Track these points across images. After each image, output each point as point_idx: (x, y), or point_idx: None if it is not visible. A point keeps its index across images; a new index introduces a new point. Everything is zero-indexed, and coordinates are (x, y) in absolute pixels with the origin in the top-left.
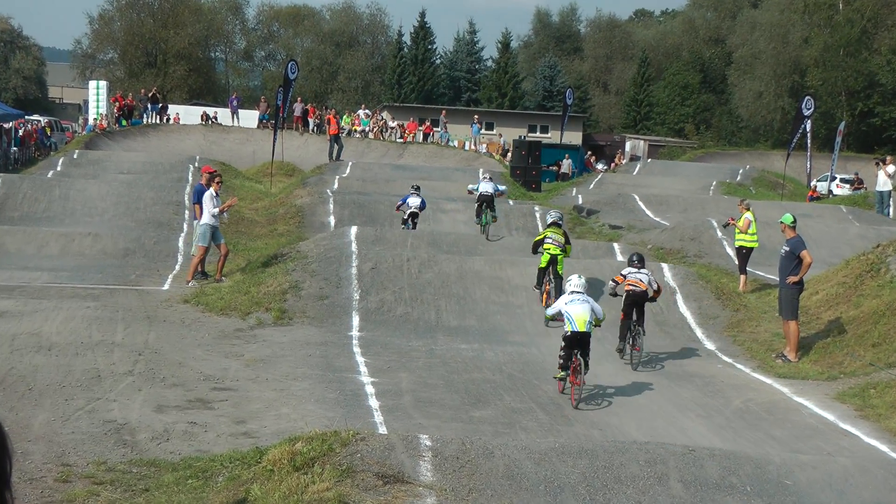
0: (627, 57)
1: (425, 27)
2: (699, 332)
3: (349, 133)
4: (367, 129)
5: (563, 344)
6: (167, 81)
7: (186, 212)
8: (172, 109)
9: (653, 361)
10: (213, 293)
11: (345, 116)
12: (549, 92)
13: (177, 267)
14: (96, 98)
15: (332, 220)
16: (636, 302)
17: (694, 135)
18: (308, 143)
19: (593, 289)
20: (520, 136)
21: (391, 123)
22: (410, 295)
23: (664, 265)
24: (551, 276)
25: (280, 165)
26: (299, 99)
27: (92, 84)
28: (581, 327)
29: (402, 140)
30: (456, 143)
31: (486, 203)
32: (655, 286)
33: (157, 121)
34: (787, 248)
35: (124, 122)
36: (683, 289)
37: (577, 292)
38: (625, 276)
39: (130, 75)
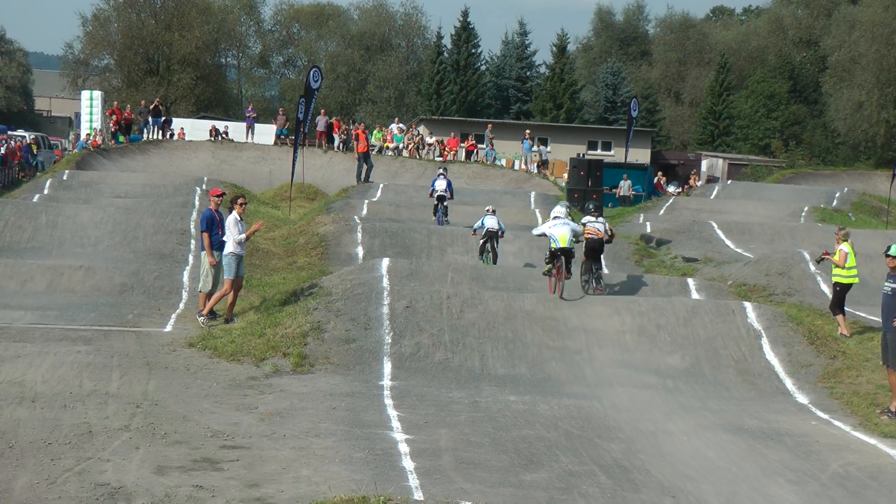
0: (703, 62)
1: (468, 28)
2: (789, 383)
3: (380, 151)
4: (400, 145)
5: (547, 256)
6: (171, 91)
7: (192, 242)
8: (177, 124)
9: (734, 417)
10: (223, 336)
11: (375, 131)
12: (611, 103)
13: (181, 305)
14: (90, 110)
15: (360, 251)
16: (594, 248)
17: (782, 152)
18: (333, 163)
19: (653, 339)
20: (578, 154)
21: (429, 139)
22: (451, 338)
23: (747, 305)
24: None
25: (300, 188)
26: (323, 111)
27: (85, 94)
28: (563, 244)
29: (441, 159)
30: (504, 162)
31: (491, 239)
32: (610, 233)
33: (160, 136)
34: (893, 286)
35: (121, 139)
36: (770, 332)
37: (559, 217)
38: (584, 225)
39: (129, 84)
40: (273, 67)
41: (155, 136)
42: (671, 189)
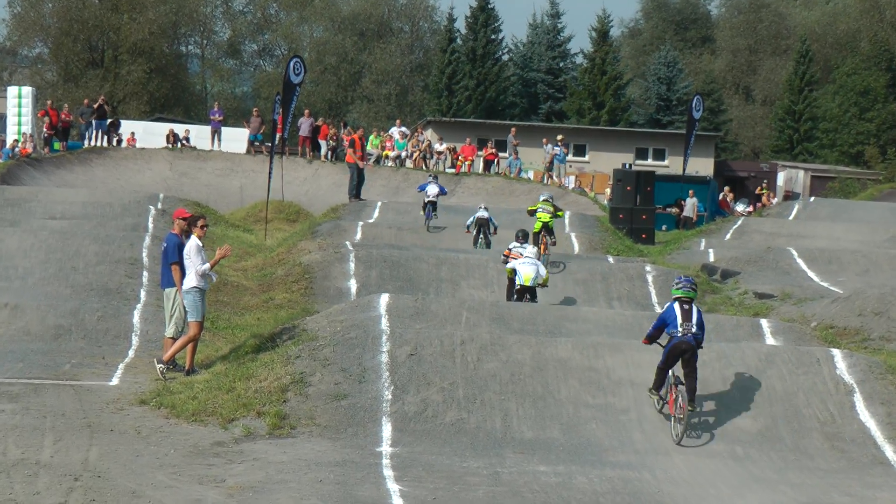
0: (780, 50)
1: (487, 9)
2: (889, 451)
3: (378, 161)
4: (403, 154)
5: (514, 294)
6: (119, 87)
7: (146, 274)
8: (126, 127)
9: (820, 494)
10: (183, 391)
11: (372, 137)
12: (665, 101)
13: (130, 353)
14: (17, 111)
15: (352, 284)
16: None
17: (878, 162)
18: (319, 175)
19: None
20: (624, 165)
21: (438, 147)
22: (466, 393)
23: (835, 352)
24: (544, 235)
25: (279, 207)
26: (307, 112)
27: (11, 91)
28: (526, 282)
29: (454, 170)
30: (531, 175)
31: (481, 227)
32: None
33: (105, 143)
34: None
35: (57, 146)
36: (864, 386)
37: (529, 258)
38: (511, 250)
39: (67, 79)
40: (245, 57)
41: (99, 143)
42: (740, 208)
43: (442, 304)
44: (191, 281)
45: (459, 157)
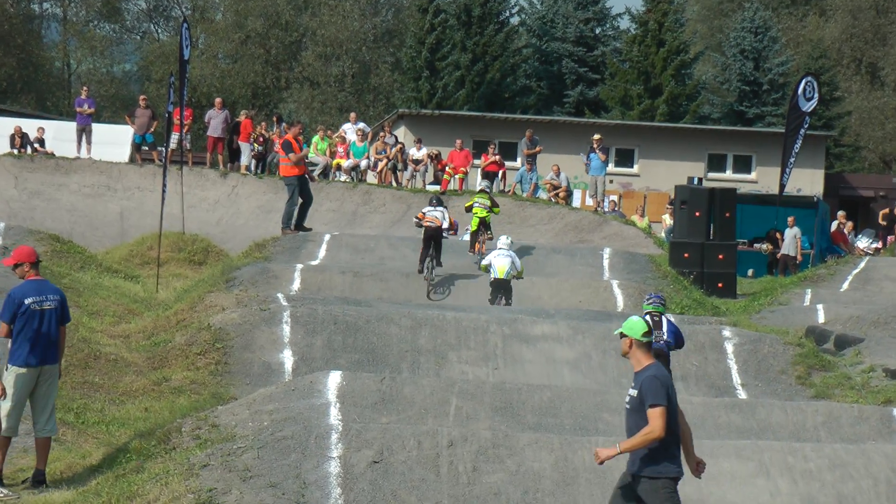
0: None
1: None
2: None
3: (325, 173)
4: (363, 163)
5: (490, 289)
6: None
7: None
8: None
9: None
10: None
11: (316, 138)
12: (752, 84)
13: None
14: None
15: (287, 358)
16: (431, 236)
17: None
18: (238, 195)
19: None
20: (690, 180)
21: (415, 153)
22: None
23: None
24: (483, 232)
25: (178, 242)
26: (218, 102)
27: None
28: (501, 275)
29: (438, 187)
30: (545, 194)
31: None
32: (448, 222)
33: None
34: None
35: None
36: None
37: (503, 249)
38: (424, 214)
39: None
40: (128, 20)
41: None
42: (862, 243)
43: (421, 387)
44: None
45: (447, 168)
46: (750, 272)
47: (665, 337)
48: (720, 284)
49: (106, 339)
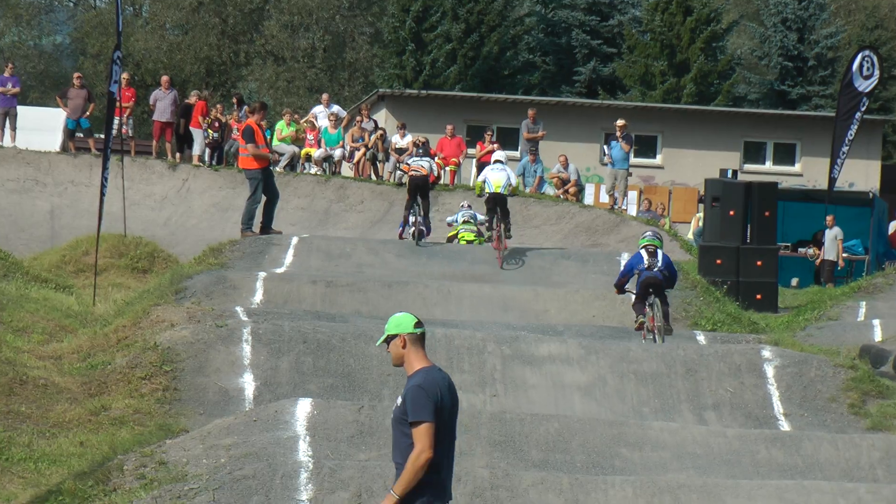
0: None
1: None
2: None
3: (292, 164)
4: (336, 152)
5: (486, 206)
6: None
7: None
8: None
9: None
10: None
11: (282, 122)
12: (795, 59)
13: None
14: None
15: (247, 382)
16: (418, 185)
17: None
18: (189, 190)
19: None
20: (723, 172)
21: (398, 140)
22: None
23: None
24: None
25: (119, 245)
26: (165, 80)
27: None
28: (497, 189)
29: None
30: (552, 189)
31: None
32: (436, 171)
33: None
34: None
35: None
36: None
37: (500, 161)
38: (409, 165)
39: None
40: None
41: None
42: None
43: None
44: None
45: (435, 158)
46: (794, 281)
47: (659, 264)
48: (759, 296)
49: (34, 360)
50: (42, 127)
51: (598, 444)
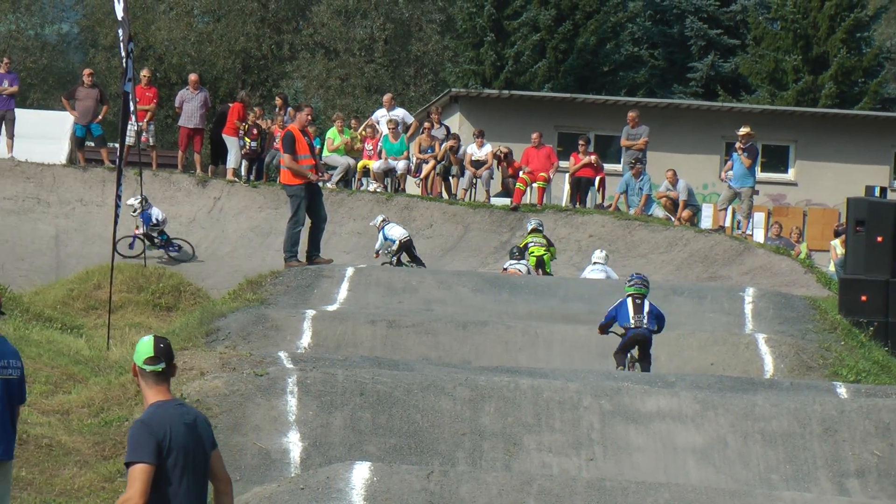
0: None
1: None
2: None
3: (346, 180)
4: (400, 164)
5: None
6: None
7: None
8: None
9: None
10: None
11: (333, 129)
12: None
13: None
14: None
15: (292, 442)
16: None
17: None
18: (223, 210)
19: None
20: (870, 191)
21: (476, 150)
22: None
23: None
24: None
25: (136, 277)
26: (194, 79)
27: None
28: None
29: (510, 201)
30: (661, 210)
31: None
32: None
33: None
34: None
35: None
36: None
37: (599, 263)
38: (505, 269)
39: None
40: None
41: None
42: None
43: (484, 486)
44: None
45: (520, 173)
46: None
47: (646, 321)
48: None
49: (36, 415)
50: (45, 134)
51: None
